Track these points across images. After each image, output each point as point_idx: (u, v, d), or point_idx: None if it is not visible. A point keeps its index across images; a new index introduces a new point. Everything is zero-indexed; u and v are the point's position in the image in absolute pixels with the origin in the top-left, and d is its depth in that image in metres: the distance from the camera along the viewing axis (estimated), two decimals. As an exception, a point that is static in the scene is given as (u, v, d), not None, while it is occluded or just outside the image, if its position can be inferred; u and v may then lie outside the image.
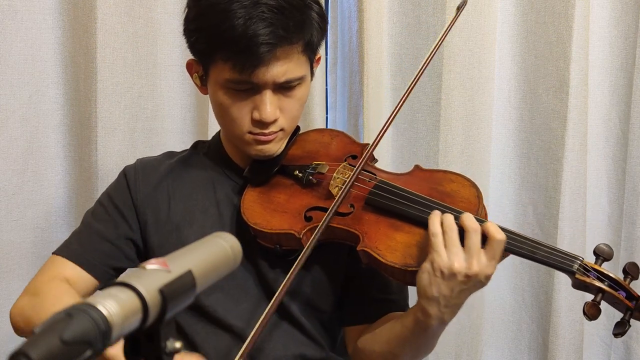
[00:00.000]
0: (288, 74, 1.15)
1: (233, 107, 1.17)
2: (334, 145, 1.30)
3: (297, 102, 1.20)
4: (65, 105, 1.65)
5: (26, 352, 0.48)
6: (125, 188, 1.28)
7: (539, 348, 1.77)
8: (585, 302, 1.06)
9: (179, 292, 0.61)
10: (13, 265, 1.63)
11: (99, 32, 1.59)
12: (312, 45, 1.18)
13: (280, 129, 1.20)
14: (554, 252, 1.09)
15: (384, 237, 1.13)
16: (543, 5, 1.70)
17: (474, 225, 1.04)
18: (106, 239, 1.25)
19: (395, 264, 1.10)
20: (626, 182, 1.76)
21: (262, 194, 1.23)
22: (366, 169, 1.23)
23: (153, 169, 1.30)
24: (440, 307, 1.06)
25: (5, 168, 1.60)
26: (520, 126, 1.76)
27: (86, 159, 1.66)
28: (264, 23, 1.09)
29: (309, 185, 1.22)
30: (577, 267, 1.07)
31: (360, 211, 1.17)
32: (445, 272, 1.03)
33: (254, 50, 1.10)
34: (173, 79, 1.70)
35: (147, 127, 1.69)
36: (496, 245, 1.04)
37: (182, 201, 1.27)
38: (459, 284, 1.04)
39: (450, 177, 1.21)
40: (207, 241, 0.72)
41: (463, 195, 1.17)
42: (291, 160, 1.27)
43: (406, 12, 1.73)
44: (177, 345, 0.61)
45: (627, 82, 1.74)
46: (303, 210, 1.19)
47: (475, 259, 1.03)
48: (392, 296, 1.26)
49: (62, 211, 1.68)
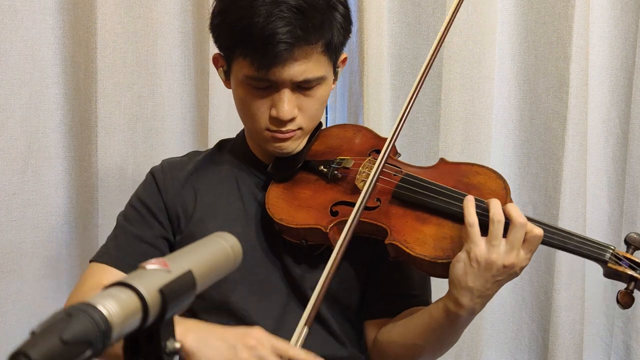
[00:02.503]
0: (306, 74, 1.15)
1: (252, 103, 1.18)
2: (357, 140, 1.30)
3: (316, 101, 1.20)
4: (65, 105, 1.65)
5: (26, 351, 0.48)
6: (155, 188, 1.28)
7: (539, 348, 1.77)
8: (618, 291, 1.07)
9: (179, 292, 0.61)
10: (13, 265, 1.63)
11: (99, 32, 1.59)
12: (333, 46, 1.18)
13: (298, 128, 1.20)
14: (585, 242, 1.10)
15: (411, 230, 1.13)
16: (543, 5, 1.69)
17: (522, 219, 1.05)
18: (144, 241, 1.24)
19: (425, 257, 1.10)
20: (626, 182, 1.76)
21: (286, 190, 1.23)
22: (391, 163, 1.23)
23: (179, 168, 1.31)
24: (473, 298, 1.06)
25: (5, 168, 1.60)
26: (520, 126, 1.76)
27: (86, 159, 1.66)
28: (282, 22, 1.10)
29: (333, 180, 1.22)
30: (609, 256, 1.08)
31: (387, 205, 1.17)
32: (482, 262, 1.04)
33: (271, 49, 1.10)
34: (173, 79, 1.70)
35: (147, 127, 1.69)
36: (534, 239, 1.05)
37: (207, 195, 1.28)
38: (494, 275, 1.04)
39: (476, 170, 1.21)
40: (207, 241, 0.72)
41: (490, 187, 1.17)
42: (314, 156, 1.27)
43: (406, 12, 1.73)
44: (177, 345, 0.61)
45: (627, 82, 1.74)
46: (329, 205, 1.19)
47: (515, 252, 1.04)
48: (414, 291, 1.27)
49: (62, 211, 1.68)
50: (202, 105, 1.71)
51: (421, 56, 1.72)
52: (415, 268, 1.15)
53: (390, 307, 1.26)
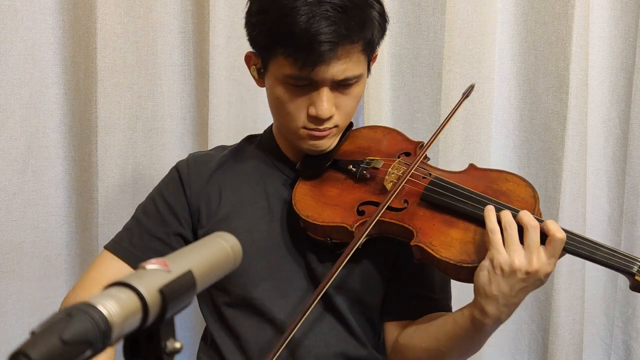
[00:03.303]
0: (347, 72, 1.15)
1: (290, 102, 1.18)
2: (386, 142, 1.31)
3: (353, 99, 1.20)
4: (65, 105, 1.65)
5: (26, 351, 0.48)
6: (178, 183, 1.28)
7: (539, 348, 1.77)
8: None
9: (179, 292, 0.61)
10: (13, 265, 1.63)
11: (99, 32, 1.59)
12: (372, 44, 1.18)
13: (334, 126, 1.20)
14: (613, 254, 1.09)
15: (438, 233, 1.13)
16: (543, 5, 1.69)
17: (533, 222, 1.05)
18: (156, 237, 1.25)
19: (450, 260, 1.10)
20: (626, 182, 1.76)
21: (314, 187, 1.24)
22: (420, 166, 1.23)
23: (204, 163, 1.31)
24: (498, 306, 1.06)
25: (5, 168, 1.60)
26: (520, 126, 1.76)
27: (86, 159, 1.66)
28: (327, 22, 1.10)
29: (362, 180, 1.23)
30: (637, 269, 1.07)
31: (414, 207, 1.17)
32: (505, 269, 1.03)
33: (316, 48, 1.10)
34: (173, 79, 1.70)
35: (147, 127, 1.69)
36: (556, 243, 1.05)
37: (232, 192, 1.28)
38: (519, 282, 1.04)
39: (505, 177, 1.22)
40: (207, 241, 0.72)
41: (519, 195, 1.17)
42: (343, 155, 1.27)
43: (406, 12, 1.73)
44: (177, 345, 0.61)
45: (627, 82, 1.74)
46: (356, 204, 1.19)
47: (535, 256, 1.04)
48: (435, 295, 1.27)
49: (62, 211, 1.68)
50: (202, 105, 1.71)
51: (421, 56, 1.72)
52: (440, 272, 1.14)
53: (410, 309, 1.26)
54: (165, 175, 1.32)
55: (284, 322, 1.22)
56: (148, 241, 1.25)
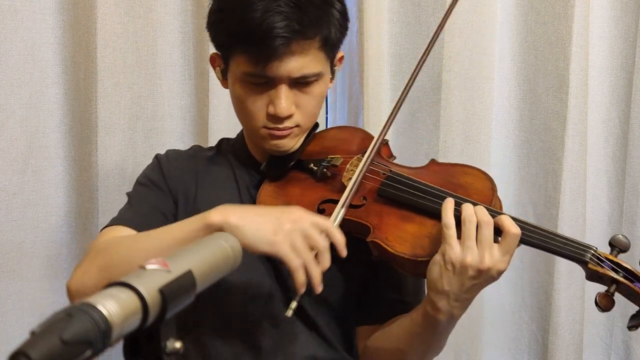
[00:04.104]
0: (304, 69, 1.15)
1: (249, 100, 1.18)
2: (352, 141, 1.31)
3: (314, 98, 1.20)
4: (65, 105, 1.65)
5: (26, 351, 0.48)
6: (159, 170, 1.29)
7: (539, 348, 1.77)
8: (597, 293, 1.04)
9: (179, 292, 0.61)
10: (13, 265, 1.63)
11: (99, 32, 1.59)
12: (330, 42, 1.18)
13: (295, 125, 1.20)
14: (567, 242, 1.07)
15: (393, 228, 1.12)
16: (543, 5, 1.69)
17: (486, 218, 1.03)
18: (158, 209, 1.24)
19: (405, 255, 1.09)
20: (626, 182, 1.76)
21: (277, 188, 1.24)
22: (380, 163, 1.23)
23: (182, 157, 1.33)
24: (450, 301, 1.05)
25: (5, 168, 1.60)
26: (520, 126, 1.76)
27: (86, 159, 1.66)
28: (280, 16, 1.10)
29: (323, 179, 1.23)
30: (589, 257, 1.05)
31: (372, 203, 1.17)
32: (456, 265, 1.02)
33: (269, 43, 1.10)
34: (173, 79, 1.70)
35: (147, 127, 1.69)
36: (511, 239, 1.03)
37: (208, 191, 1.28)
38: (470, 279, 1.02)
39: (464, 170, 1.21)
40: (207, 241, 0.72)
41: (477, 187, 1.16)
42: (308, 156, 1.27)
43: (406, 12, 1.73)
44: (177, 345, 0.61)
45: (627, 82, 1.74)
46: (316, 203, 1.19)
47: (487, 253, 1.02)
48: (407, 298, 1.25)
49: (62, 211, 1.68)
50: (202, 105, 1.71)
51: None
52: (398, 268, 1.13)
53: (383, 313, 1.24)
54: (147, 165, 1.33)
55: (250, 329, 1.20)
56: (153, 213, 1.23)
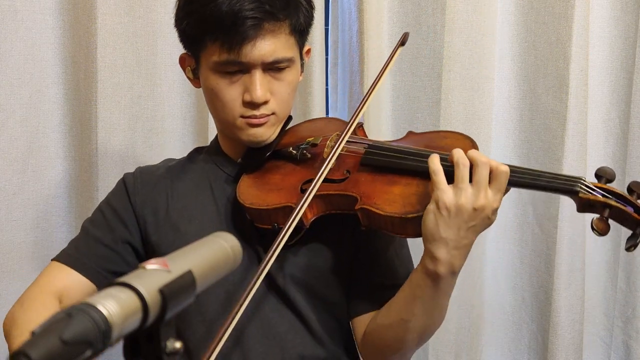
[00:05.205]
0: (276, 54, 1.16)
1: (224, 90, 1.18)
2: (328, 128, 1.31)
3: (287, 86, 1.21)
4: (65, 105, 1.65)
5: (26, 352, 0.48)
6: (124, 192, 1.29)
7: (539, 348, 1.77)
8: (592, 218, 1.04)
9: (179, 292, 0.61)
10: (13, 265, 1.63)
11: (99, 32, 1.59)
12: (299, 27, 1.19)
13: (271, 113, 1.21)
14: (555, 176, 1.09)
15: (381, 193, 1.13)
16: (543, 5, 1.70)
17: (482, 158, 1.04)
18: (102, 243, 1.25)
19: (395, 214, 1.09)
20: (626, 182, 1.75)
21: (257, 178, 1.24)
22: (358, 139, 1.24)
23: (151, 173, 1.32)
24: (449, 249, 1.04)
25: (5, 168, 1.60)
26: (520, 126, 1.76)
27: (86, 159, 1.66)
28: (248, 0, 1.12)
29: (303, 161, 1.23)
30: (580, 186, 1.06)
31: (356, 174, 1.18)
32: (451, 209, 1.02)
33: (240, 25, 1.11)
34: (173, 79, 1.70)
35: (147, 127, 1.69)
36: (501, 177, 1.04)
37: (181, 199, 1.28)
38: (466, 221, 1.03)
39: (443, 135, 1.23)
40: (207, 241, 0.72)
41: (459, 146, 1.15)
42: (285, 146, 1.27)
43: (406, 12, 1.73)
44: (177, 345, 0.61)
45: (627, 82, 1.74)
46: (299, 184, 1.19)
47: (483, 192, 1.02)
48: (399, 281, 1.22)
49: (62, 211, 1.68)
50: (202, 105, 1.71)
51: (421, 56, 1.72)
52: (388, 232, 1.13)
53: (376, 299, 1.22)
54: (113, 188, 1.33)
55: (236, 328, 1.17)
56: (93, 248, 1.24)
